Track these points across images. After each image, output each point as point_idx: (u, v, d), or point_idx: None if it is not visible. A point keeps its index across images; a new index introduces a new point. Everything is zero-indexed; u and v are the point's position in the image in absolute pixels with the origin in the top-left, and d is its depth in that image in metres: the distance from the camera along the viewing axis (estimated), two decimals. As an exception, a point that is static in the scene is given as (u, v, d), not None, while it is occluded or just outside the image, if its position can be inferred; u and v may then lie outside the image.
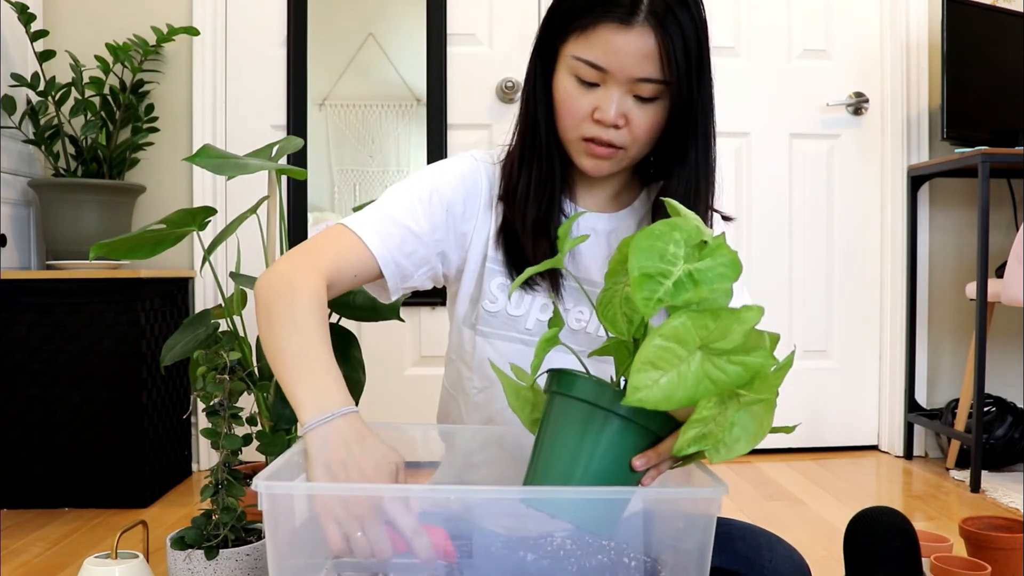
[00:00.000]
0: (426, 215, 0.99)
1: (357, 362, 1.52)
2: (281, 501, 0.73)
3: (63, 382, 2.00)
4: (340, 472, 0.77)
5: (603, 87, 0.92)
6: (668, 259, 0.67)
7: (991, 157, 2.19)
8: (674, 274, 0.67)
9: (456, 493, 0.73)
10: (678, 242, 0.68)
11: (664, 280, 0.66)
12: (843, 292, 2.65)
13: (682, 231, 0.69)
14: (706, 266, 0.67)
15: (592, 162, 0.97)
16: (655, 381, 0.65)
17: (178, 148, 2.41)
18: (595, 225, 1.04)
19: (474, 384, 1.06)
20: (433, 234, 1.00)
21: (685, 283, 0.67)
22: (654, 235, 0.68)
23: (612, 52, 0.89)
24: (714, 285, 0.67)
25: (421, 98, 2.48)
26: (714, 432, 0.66)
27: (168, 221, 1.47)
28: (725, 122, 2.62)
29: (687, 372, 0.66)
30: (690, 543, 0.73)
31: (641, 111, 0.93)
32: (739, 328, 0.66)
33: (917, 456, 2.59)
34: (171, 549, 1.30)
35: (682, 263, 0.67)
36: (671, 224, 0.69)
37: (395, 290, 1.00)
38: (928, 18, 2.56)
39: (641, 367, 0.65)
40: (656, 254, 0.67)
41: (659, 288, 0.66)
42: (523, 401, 0.82)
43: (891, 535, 1.15)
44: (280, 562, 0.73)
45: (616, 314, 0.75)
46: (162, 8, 2.39)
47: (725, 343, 0.66)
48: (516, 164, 1.01)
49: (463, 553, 0.80)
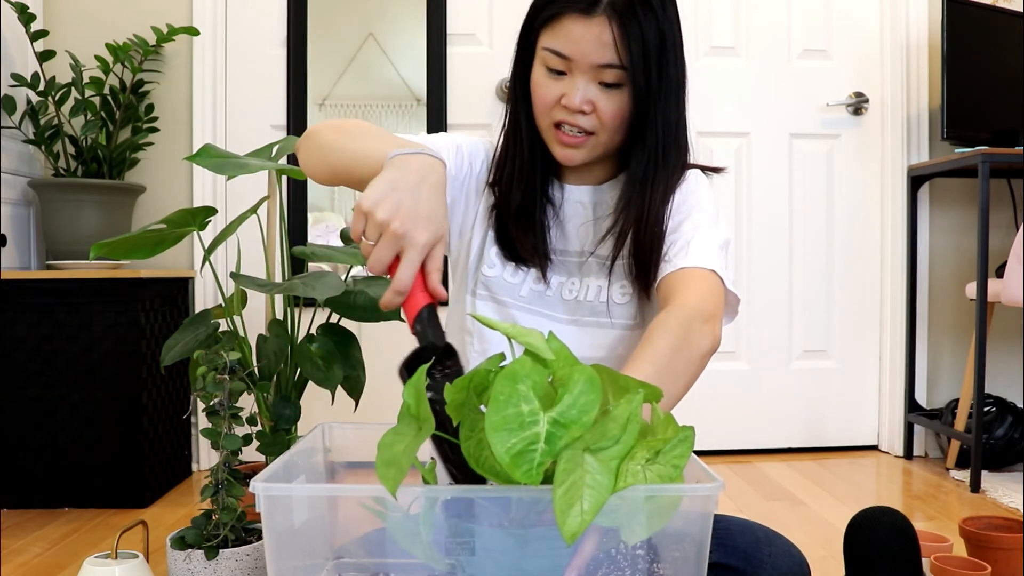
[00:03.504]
0: (455, 160, 1.07)
1: (357, 362, 1.52)
2: (279, 503, 0.73)
3: (63, 382, 2.00)
4: (395, 197, 0.77)
5: (569, 76, 0.98)
6: (527, 422, 0.63)
7: (991, 157, 2.19)
8: (540, 434, 0.63)
9: (453, 493, 0.73)
10: (527, 396, 0.64)
11: (534, 446, 0.63)
12: (843, 292, 2.65)
13: (524, 379, 0.64)
14: (567, 404, 0.64)
15: (564, 151, 1.02)
16: (580, 512, 0.62)
17: (178, 148, 2.41)
18: (581, 198, 1.10)
19: (474, 348, 1.09)
20: (455, 180, 1.07)
21: (555, 432, 0.63)
22: (500, 403, 0.63)
23: (574, 41, 0.95)
24: (583, 416, 0.63)
25: (421, 98, 2.48)
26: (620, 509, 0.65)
27: (168, 221, 1.47)
28: (725, 122, 2.66)
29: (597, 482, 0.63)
30: (688, 539, 0.73)
31: (607, 98, 0.98)
32: (614, 424, 0.64)
33: (917, 456, 2.59)
34: (171, 549, 1.30)
35: (542, 415, 0.63)
36: (510, 377, 0.64)
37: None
38: (928, 18, 2.56)
39: (563, 515, 0.62)
40: (513, 424, 0.63)
41: (534, 456, 0.63)
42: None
43: (891, 535, 1.15)
44: (278, 563, 0.73)
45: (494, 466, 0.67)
46: (162, 8, 2.39)
47: (604, 442, 0.64)
48: (502, 156, 1.08)
49: (466, 551, 0.80)
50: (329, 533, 0.79)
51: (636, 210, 1.01)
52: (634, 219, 1.01)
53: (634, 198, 1.01)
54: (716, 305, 0.93)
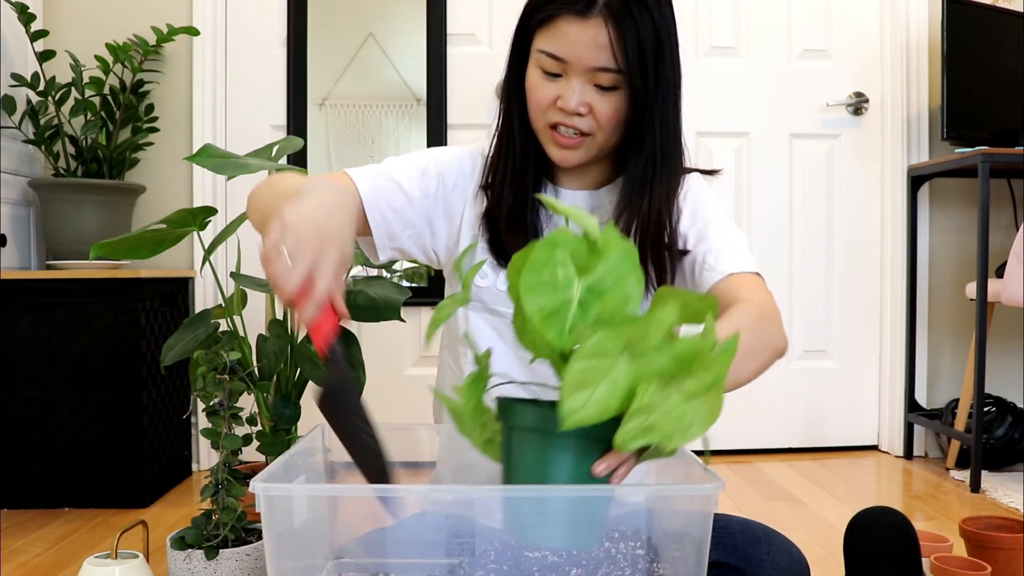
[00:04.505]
0: (418, 182, 1.05)
1: (357, 362, 1.52)
2: (279, 503, 0.73)
3: (63, 382, 2.00)
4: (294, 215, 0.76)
5: (565, 77, 0.97)
6: (561, 286, 0.63)
7: (991, 157, 2.19)
8: (574, 297, 0.62)
9: (453, 493, 0.73)
10: (564, 262, 0.63)
11: (567, 308, 0.62)
12: (843, 292, 2.65)
13: (563, 246, 0.64)
14: (603, 272, 0.63)
15: (559, 152, 1.01)
16: (586, 400, 0.61)
17: (178, 148, 2.41)
18: (576, 202, 1.08)
19: (468, 359, 1.08)
20: (423, 200, 1.05)
21: (589, 300, 0.63)
22: (537, 265, 0.63)
23: (570, 43, 0.94)
24: (618, 287, 0.63)
25: (421, 98, 2.48)
26: (660, 423, 0.62)
27: (168, 221, 1.47)
28: (725, 122, 2.66)
29: (617, 377, 0.61)
30: (688, 538, 0.73)
31: (603, 99, 0.97)
32: (658, 329, 0.62)
33: (917, 456, 2.59)
34: (171, 549, 1.30)
35: (576, 281, 0.63)
36: (550, 244, 0.64)
37: (381, 247, 1.04)
38: (928, 18, 2.56)
39: (569, 392, 0.61)
40: (548, 286, 0.62)
41: (566, 318, 0.62)
42: (472, 424, 0.77)
43: (891, 535, 1.15)
44: (278, 564, 0.73)
45: (534, 338, 0.68)
46: (162, 8, 2.39)
47: (646, 344, 0.62)
48: (495, 157, 1.07)
49: (466, 551, 0.80)
50: (329, 533, 0.80)
51: (636, 213, 1.00)
52: (635, 222, 1.00)
53: (634, 201, 1.01)
54: (778, 309, 0.92)
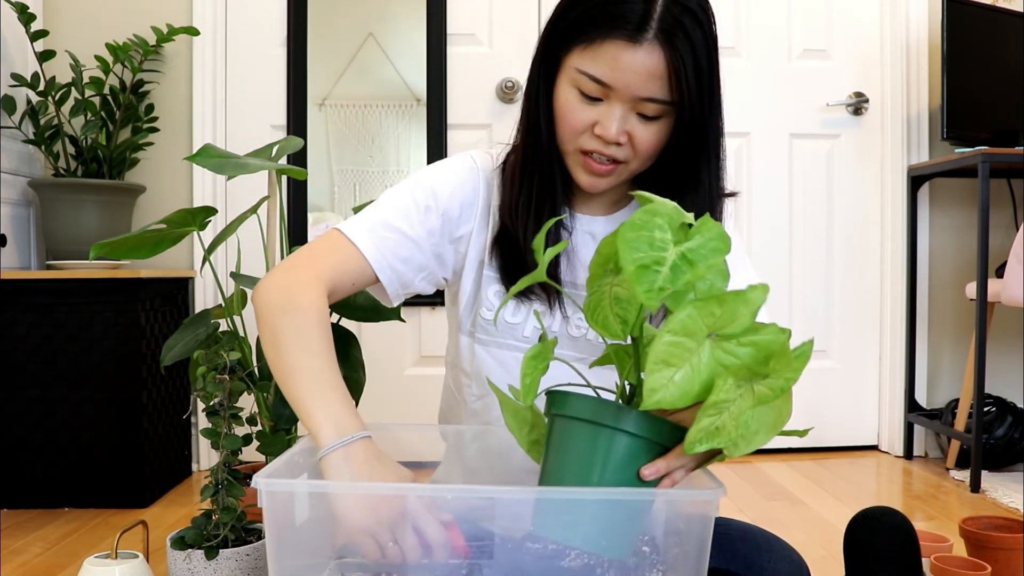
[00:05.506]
0: (421, 221, 0.98)
1: (357, 362, 1.52)
2: (281, 499, 0.73)
3: (63, 382, 1.99)
4: (345, 510, 0.77)
5: (606, 103, 0.90)
6: (658, 245, 0.66)
7: (991, 157, 2.19)
8: (668, 259, 0.65)
9: (455, 493, 0.73)
10: (662, 227, 0.67)
11: (660, 267, 0.65)
12: (843, 292, 2.65)
13: (663, 216, 0.67)
14: (697, 244, 0.66)
15: (589, 179, 0.95)
16: (669, 379, 0.63)
17: (178, 148, 2.41)
18: (592, 228, 1.03)
19: (472, 391, 1.06)
20: (429, 239, 0.99)
21: (680, 266, 0.65)
22: (637, 226, 0.66)
23: (619, 69, 0.86)
24: (709, 261, 0.65)
25: (421, 98, 2.48)
26: (727, 425, 0.64)
27: (168, 221, 1.47)
28: (725, 122, 2.64)
29: (699, 363, 0.63)
30: (689, 543, 0.73)
31: (644, 129, 0.91)
32: (746, 309, 0.64)
33: (917, 456, 2.59)
34: (171, 549, 1.30)
35: (672, 246, 0.66)
36: (651, 211, 0.67)
37: (395, 296, 1.00)
38: (928, 18, 2.56)
39: (655, 367, 0.63)
40: (645, 243, 0.65)
41: (657, 276, 0.65)
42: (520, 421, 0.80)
43: (891, 535, 1.15)
44: (280, 562, 0.73)
45: (607, 316, 0.72)
46: (162, 8, 2.39)
47: (734, 327, 0.64)
48: (517, 175, 0.99)
49: (483, 554, 0.80)
50: (331, 532, 0.79)
51: None
52: None
53: None
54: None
